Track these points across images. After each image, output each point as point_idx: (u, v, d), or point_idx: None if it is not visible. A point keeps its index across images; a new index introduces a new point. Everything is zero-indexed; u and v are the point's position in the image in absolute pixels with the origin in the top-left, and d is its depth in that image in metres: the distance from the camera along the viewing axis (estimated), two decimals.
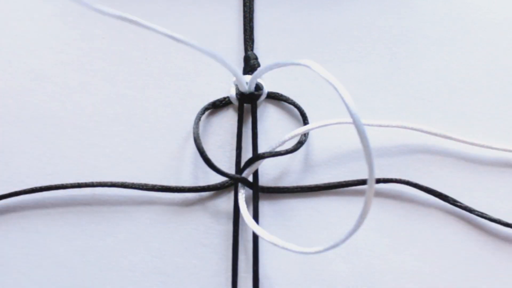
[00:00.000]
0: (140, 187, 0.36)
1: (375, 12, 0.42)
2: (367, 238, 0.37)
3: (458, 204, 0.37)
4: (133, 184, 0.36)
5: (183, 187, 0.37)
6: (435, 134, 0.38)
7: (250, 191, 0.37)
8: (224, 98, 0.39)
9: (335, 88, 0.31)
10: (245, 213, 0.36)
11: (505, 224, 0.37)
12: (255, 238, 0.36)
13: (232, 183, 0.37)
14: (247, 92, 0.39)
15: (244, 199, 0.36)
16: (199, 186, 0.37)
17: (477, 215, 0.37)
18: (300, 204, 0.37)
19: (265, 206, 0.37)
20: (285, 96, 0.39)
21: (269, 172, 0.38)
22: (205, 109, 0.39)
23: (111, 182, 0.36)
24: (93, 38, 0.41)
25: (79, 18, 0.42)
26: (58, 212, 0.37)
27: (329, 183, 0.37)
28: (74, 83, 0.39)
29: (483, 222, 0.37)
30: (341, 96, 0.30)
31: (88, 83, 0.39)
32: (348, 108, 0.30)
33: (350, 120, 0.38)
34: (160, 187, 0.37)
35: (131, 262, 0.36)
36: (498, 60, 0.41)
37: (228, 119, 0.39)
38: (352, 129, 0.38)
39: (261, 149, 0.38)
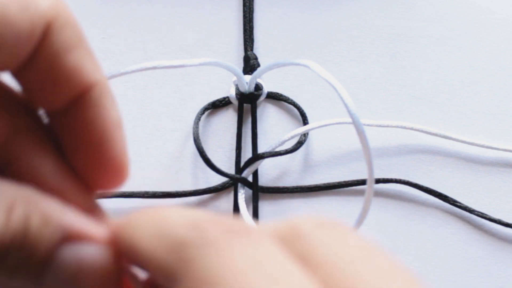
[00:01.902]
0: (141, 195, 0.36)
1: (375, 12, 0.42)
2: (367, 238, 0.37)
3: (458, 204, 0.37)
4: (133, 193, 0.36)
5: (184, 192, 0.37)
6: (435, 134, 0.38)
7: (250, 191, 0.37)
8: (224, 98, 0.39)
9: (335, 88, 0.31)
10: (245, 213, 0.36)
11: (505, 224, 0.36)
12: None
13: (232, 183, 0.37)
14: (247, 92, 0.39)
15: (244, 199, 0.36)
16: (200, 190, 0.37)
17: (477, 215, 0.37)
18: (300, 204, 0.37)
19: (265, 206, 0.37)
20: (285, 96, 0.39)
21: (268, 172, 0.38)
22: (205, 109, 0.39)
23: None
24: (93, 38, 0.41)
25: (79, 18, 0.42)
26: None
27: (328, 183, 0.37)
28: None
29: (483, 222, 0.37)
30: (340, 96, 0.30)
31: None
32: (347, 108, 0.30)
33: (350, 120, 0.38)
34: (161, 194, 0.36)
35: None
36: (498, 60, 0.41)
37: (228, 119, 0.39)
38: (351, 129, 0.38)
39: (260, 149, 0.38)
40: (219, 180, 0.37)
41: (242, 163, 0.37)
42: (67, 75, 0.19)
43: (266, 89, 0.39)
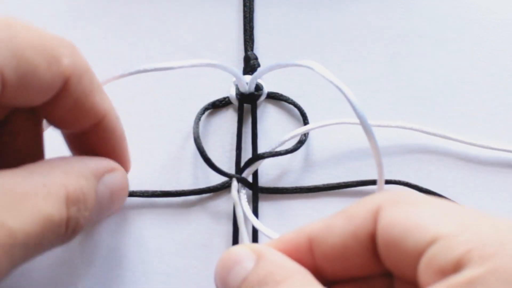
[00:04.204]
0: (140, 194, 0.36)
1: (375, 12, 0.42)
2: None
3: None
4: (133, 192, 0.36)
5: (183, 191, 0.37)
6: (435, 135, 0.38)
7: (250, 192, 0.37)
8: (224, 98, 0.39)
9: (340, 90, 0.31)
10: (247, 209, 0.35)
11: None
12: (255, 237, 0.36)
13: (232, 183, 0.37)
14: (247, 92, 0.39)
15: (245, 199, 0.36)
16: (199, 189, 0.37)
17: None
18: (300, 205, 0.37)
19: (264, 207, 0.37)
20: (285, 96, 0.39)
21: (269, 172, 0.38)
22: (205, 109, 0.39)
23: None
24: (93, 39, 0.41)
25: (79, 18, 0.42)
26: None
27: (328, 184, 0.37)
28: None
29: None
30: (347, 97, 0.30)
31: None
32: (355, 109, 0.30)
33: (350, 120, 0.38)
34: (160, 193, 0.36)
35: (131, 262, 0.36)
36: (498, 60, 0.41)
37: (228, 119, 0.39)
38: (352, 129, 0.39)
39: (261, 149, 0.38)
40: (219, 180, 0.37)
41: (242, 163, 0.37)
42: (87, 112, 0.27)
43: (266, 89, 0.39)
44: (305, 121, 0.39)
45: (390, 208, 0.23)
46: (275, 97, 0.39)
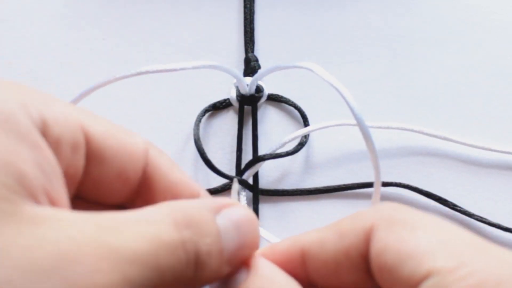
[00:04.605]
0: None
1: (375, 13, 0.42)
2: None
3: (458, 208, 0.37)
4: None
5: None
6: (435, 136, 0.38)
7: (250, 194, 0.37)
8: (225, 100, 0.39)
9: (339, 91, 0.31)
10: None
11: (504, 229, 0.36)
12: None
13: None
14: (248, 94, 0.39)
15: (245, 200, 0.36)
16: None
17: (477, 219, 0.37)
18: (301, 207, 0.37)
19: (265, 208, 0.37)
20: (285, 98, 0.39)
21: (269, 174, 0.38)
22: (206, 110, 0.39)
23: None
24: (93, 39, 0.41)
25: (80, 19, 0.42)
26: None
27: (329, 186, 0.37)
28: (74, 84, 0.39)
29: (483, 226, 0.37)
30: (345, 99, 0.30)
31: (88, 85, 0.39)
32: (353, 111, 0.30)
33: (351, 122, 0.38)
34: None
35: None
36: (499, 61, 0.41)
37: (228, 121, 0.39)
38: (353, 130, 0.39)
39: (261, 151, 0.38)
40: (220, 181, 0.37)
41: (242, 165, 0.37)
42: (174, 188, 0.25)
43: (267, 91, 0.39)
44: (306, 123, 0.39)
45: (383, 230, 0.22)
46: (275, 99, 0.39)
